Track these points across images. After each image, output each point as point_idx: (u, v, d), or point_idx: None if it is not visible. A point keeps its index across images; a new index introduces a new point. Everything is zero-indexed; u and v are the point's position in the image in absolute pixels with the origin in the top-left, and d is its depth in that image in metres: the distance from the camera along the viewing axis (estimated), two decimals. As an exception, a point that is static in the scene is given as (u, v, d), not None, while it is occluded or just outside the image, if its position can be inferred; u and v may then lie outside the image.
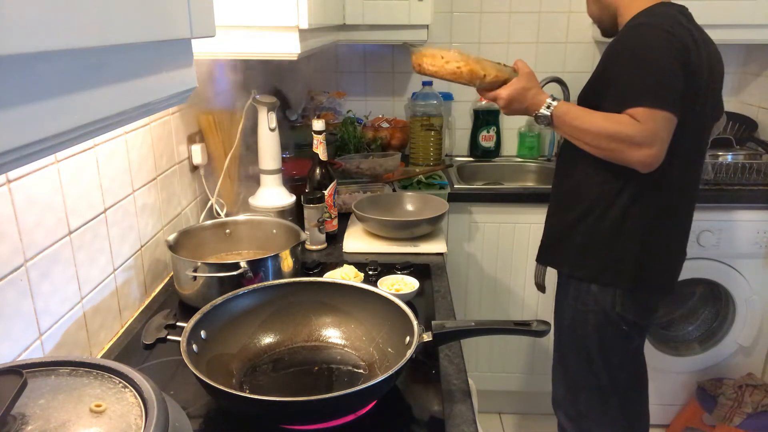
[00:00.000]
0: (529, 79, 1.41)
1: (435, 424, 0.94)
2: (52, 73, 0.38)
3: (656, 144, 1.27)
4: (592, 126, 1.33)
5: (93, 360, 0.67)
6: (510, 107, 1.42)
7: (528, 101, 1.40)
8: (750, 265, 2.12)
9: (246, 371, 1.04)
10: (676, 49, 1.29)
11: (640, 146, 1.28)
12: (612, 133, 1.30)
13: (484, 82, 1.39)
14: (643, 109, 1.27)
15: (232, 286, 1.13)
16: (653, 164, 1.30)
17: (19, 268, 0.90)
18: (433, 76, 1.41)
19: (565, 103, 1.40)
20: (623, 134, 1.28)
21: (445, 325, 0.98)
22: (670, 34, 1.30)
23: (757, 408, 2.04)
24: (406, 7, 2.05)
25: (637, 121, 1.27)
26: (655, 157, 1.29)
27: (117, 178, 1.20)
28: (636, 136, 1.27)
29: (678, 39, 1.30)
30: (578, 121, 1.35)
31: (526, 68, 1.43)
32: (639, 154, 1.28)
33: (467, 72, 1.37)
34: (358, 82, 2.60)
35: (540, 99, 1.40)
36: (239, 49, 1.26)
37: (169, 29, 0.52)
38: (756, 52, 2.43)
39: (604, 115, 1.33)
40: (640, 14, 1.39)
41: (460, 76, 1.37)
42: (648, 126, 1.27)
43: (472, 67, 1.37)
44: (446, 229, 2.15)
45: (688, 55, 1.31)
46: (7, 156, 0.35)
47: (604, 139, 1.32)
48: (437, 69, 1.38)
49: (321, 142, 1.65)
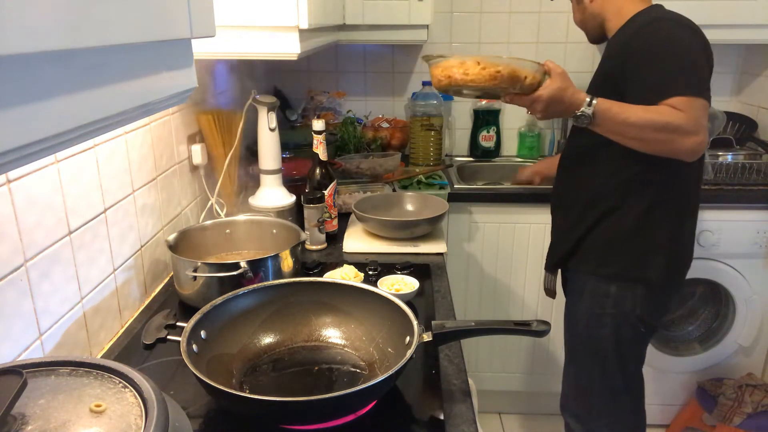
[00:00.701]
0: (564, 79, 1.35)
1: (435, 424, 0.94)
2: (52, 73, 0.38)
3: (701, 131, 1.28)
4: (639, 119, 1.29)
5: (93, 360, 0.67)
6: (548, 110, 1.35)
7: (567, 102, 1.33)
8: (750, 265, 2.12)
9: (246, 371, 1.04)
10: (699, 40, 1.33)
11: (689, 134, 1.27)
12: (661, 123, 1.28)
13: (525, 84, 1.28)
14: (683, 98, 1.27)
15: (232, 286, 1.13)
16: (700, 151, 1.31)
17: (19, 268, 0.90)
18: (465, 87, 1.25)
19: (605, 100, 1.35)
20: (673, 124, 1.27)
21: (445, 325, 0.98)
22: (689, 27, 1.33)
23: (757, 408, 2.04)
24: (406, 7, 2.05)
25: (679, 109, 1.27)
26: (702, 144, 1.29)
27: (117, 178, 1.20)
28: (684, 125, 1.26)
29: (696, 30, 1.34)
30: (623, 116, 1.31)
31: (559, 68, 1.35)
32: (689, 141, 1.28)
33: (508, 75, 1.23)
34: (358, 82, 2.60)
35: (579, 98, 1.34)
36: (239, 49, 1.26)
37: (169, 29, 0.52)
38: (756, 52, 2.43)
39: (646, 108, 1.30)
40: (639, 15, 1.40)
41: (501, 81, 1.22)
42: (691, 114, 1.27)
43: (513, 68, 1.23)
44: (446, 229, 2.15)
45: (708, 46, 1.35)
46: (7, 156, 0.35)
47: (653, 130, 1.29)
48: (473, 77, 1.22)
49: (321, 142, 1.65)
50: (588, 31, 1.56)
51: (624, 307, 1.46)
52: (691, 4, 2.02)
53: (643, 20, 1.39)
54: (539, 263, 2.20)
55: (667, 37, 1.33)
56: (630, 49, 1.36)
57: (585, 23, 1.55)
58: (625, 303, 1.46)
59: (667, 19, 1.36)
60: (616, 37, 1.46)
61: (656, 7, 1.43)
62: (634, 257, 1.45)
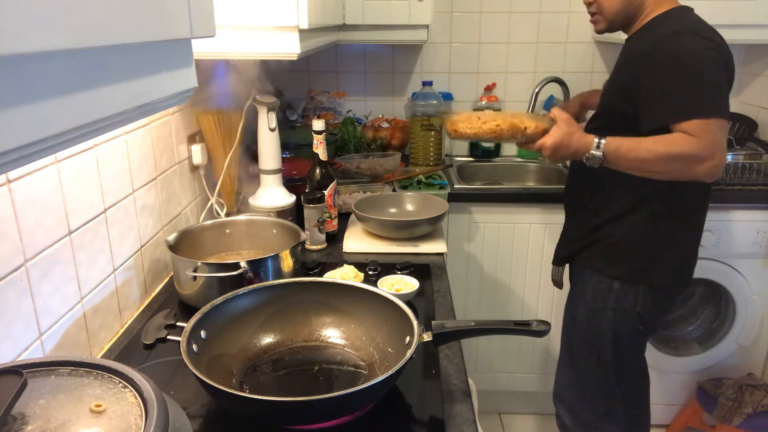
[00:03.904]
0: (570, 124, 1.39)
1: (435, 424, 0.94)
2: (52, 73, 0.38)
3: (717, 154, 1.28)
4: (651, 154, 1.31)
5: (93, 360, 0.67)
6: (557, 154, 1.40)
7: (575, 145, 1.38)
8: (750, 265, 2.12)
9: (246, 371, 1.04)
10: (720, 56, 1.30)
11: (703, 160, 1.27)
12: (674, 155, 1.29)
13: (526, 134, 1.39)
14: (698, 122, 1.26)
15: (232, 286, 1.13)
16: (718, 173, 1.31)
17: (19, 268, 0.90)
18: (471, 138, 1.41)
19: (613, 138, 1.36)
20: (685, 154, 1.28)
21: (445, 325, 0.98)
22: (710, 41, 1.30)
23: (757, 408, 2.04)
24: (406, 7, 2.05)
25: (692, 135, 1.27)
26: (718, 167, 1.30)
27: (117, 178, 1.20)
28: (697, 153, 1.27)
29: (718, 44, 1.31)
30: (634, 153, 1.33)
31: (564, 114, 1.41)
32: (704, 168, 1.28)
33: (507, 128, 1.37)
34: (358, 82, 2.60)
35: (587, 141, 1.37)
36: (239, 49, 1.26)
37: (169, 29, 0.52)
38: (756, 52, 2.43)
39: (655, 140, 1.31)
40: (665, 18, 1.38)
41: (501, 133, 1.37)
42: (706, 138, 1.26)
43: (511, 122, 1.37)
44: (446, 229, 2.15)
45: (730, 60, 1.34)
46: (7, 156, 0.35)
47: (666, 163, 1.31)
48: (476, 130, 1.38)
49: (321, 142, 1.65)
50: (616, 22, 1.46)
51: (625, 303, 1.48)
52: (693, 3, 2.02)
53: (664, 31, 1.35)
54: (539, 263, 2.20)
55: (687, 54, 1.30)
56: (648, 64, 1.33)
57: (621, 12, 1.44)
58: (627, 299, 1.47)
59: (688, 33, 1.31)
60: (635, 42, 1.44)
61: (683, 11, 1.40)
62: (641, 261, 1.47)
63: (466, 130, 1.39)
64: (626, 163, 1.36)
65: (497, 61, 2.54)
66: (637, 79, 1.35)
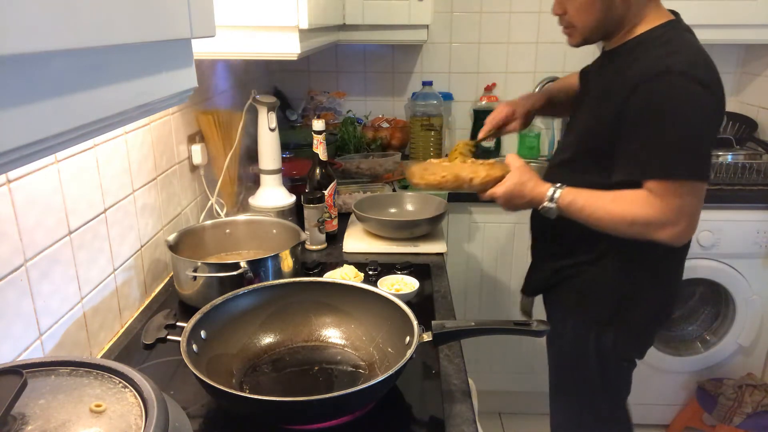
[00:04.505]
0: (523, 173, 1.30)
1: (435, 424, 0.94)
2: (52, 73, 0.38)
3: (682, 220, 1.15)
4: (606, 215, 1.20)
5: (93, 360, 0.67)
6: (510, 204, 1.32)
7: (528, 195, 1.28)
8: (750, 265, 2.12)
9: (246, 371, 1.04)
10: (711, 102, 1.14)
11: (663, 226, 1.16)
12: (629, 219, 1.18)
13: (472, 185, 1.35)
14: (665, 184, 1.14)
15: (232, 286, 1.13)
16: (683, 239, 1.18)
17: (19, 268, 0.90)
18: (429, 189, 1.41)
19: (569, 191, 1.25)
20: (641, 219, 1.16)
21: (445, 325, 0.98)
22: (701, 83, 1.12)
23: (757, 408, 2.04)
24: (406, 7, 2.05)
25: (656, 197, 1.14)
26: (683, 233, 1.17)
27: (117, 178, 1.20)
28: (655, 219, 1.15)
29: (709, 86, 1.13)
30: (589, 210, 1.22)
31: (518, 161, 1.33)
32: (665, 234, 1.16)
33: (452, 179, 1.36)
34: (358, 82, 2.60)
35: (541, 191, 1.27)
36: (239, 49, 1.26)
37: (169, 29, 0.52)
38: (756, 52, 2.43)
39: (614, 197, 1.19)
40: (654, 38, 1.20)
41: (446, 185, 1.36)
42: (669, 203, 1.14)
43: (456, 174, 1.35)
44: (446, 229, 2.15)
45: (722, 101, 1.18)
46: (7, 156, 0.35)
47: (622, 225, 1.20)
48: (426, 182, 1.37)
49: (321, 142, 1.65)
50: (591, 37, 1.29)
51: (605, 346, 1.38)
52: (692, 4, 2.02)
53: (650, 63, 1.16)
54: (539, 263, 2.20)
55: (670, 103, 1.13)
56: (629, 103, 1.16)
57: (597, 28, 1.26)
58: (606, 342, 1.38)
59: (677, 72, 1.12)
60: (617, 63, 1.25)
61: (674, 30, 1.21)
62: (616, 305, 1.35)
63: (420, 181, 1.38)
64: (582, 219, 1.24)
65: (497, 61, 2.54)
66: (615, 115, 1.19)
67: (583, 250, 1.36)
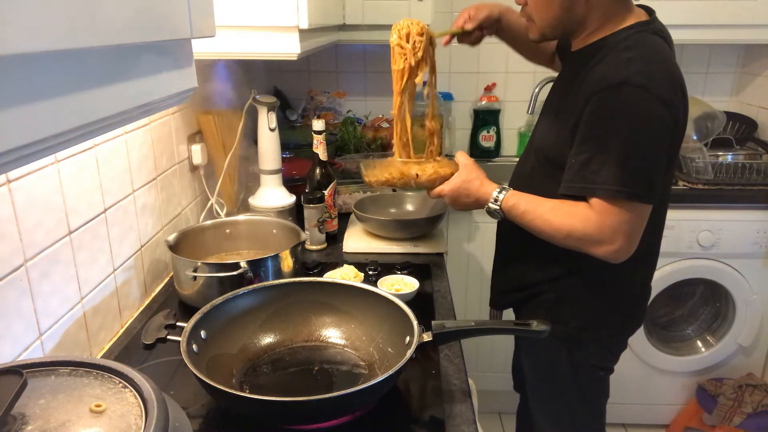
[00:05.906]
0: (470, 171, 1.28)
1: (435, 424, 0.94)
2: (52, 73, 0.38)
3: (618, 239, 1.10)
4: (544, 224, 1.18)
5: (93, 360, 0.67)
6: (457, 203, 1.30)
7: (474, 195, 1.26)
8: (750, 265, 2.12)
9: (246, 371, 1.04)
10: (669, 119, 1.08)
11: (599, 243, 1.12)
12: (565, 231, 1.15)
13: (419, 181, 1.35)
14: (605, 202, 1.09)
15: (232, 286, 1.13)
16: (620, 258, 1.14)
17: (19, 268, 0.90)
18: (380, 186, 1.41)
19: (513, 194, 1.22)
20: (576, 233, 1.13)
21: (445, 325, 0.98)
22: (662, 102, 1.06)
23: (757, 408, 2.04)
24: (406, 7, 2.05)
25: (595, 213, 1.10)
26: (618, 252, 1.12)
27: (117, 178, 1.20)
28: (590, 235, 1.12)
29: (671, 107, 1.07)
30: (529, 216, 1.19)
31: (465, 159, 1.31)
32: (601, 251, 1.13)
33: (398, 176, 1.36)
34: (358, 82, 2.60)
35: (486, 191, 1.24)
36: (239, 49, 1.26)
37: (169, 29, 0.52)
38: (756, 52, 2.43)
39: (554, 206, 1.16)
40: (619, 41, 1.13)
41: (395, 182, 1.37)
42: (605, 221, 1.10)
43: (401, 171, 1.36)
44: (446, 229, 2.15)
45: (684, 114, 1.14)
46: (7, 156, 0.35)
47: (558, 236, 1.17)
48: (376, 179, 1.38)
49: (321, 142, 1.65)
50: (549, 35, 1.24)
51: (578, 359, 1.35)
52: (692, 4, 2.02)
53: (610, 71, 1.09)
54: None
55: (624, 117, 1.07)
56: (586, 108, 1.11)
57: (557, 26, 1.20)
58: (578, 357, 1.35)
59: (637, 85, 1.05)
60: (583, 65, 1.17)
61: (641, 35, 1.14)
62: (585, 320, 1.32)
63: (372, 178, 1.38)
64: (524, 225, 1.21)
65: (497, 61, 2.54)
66: (573, 116, 1.14)
67: (551, 265, 1.31)
